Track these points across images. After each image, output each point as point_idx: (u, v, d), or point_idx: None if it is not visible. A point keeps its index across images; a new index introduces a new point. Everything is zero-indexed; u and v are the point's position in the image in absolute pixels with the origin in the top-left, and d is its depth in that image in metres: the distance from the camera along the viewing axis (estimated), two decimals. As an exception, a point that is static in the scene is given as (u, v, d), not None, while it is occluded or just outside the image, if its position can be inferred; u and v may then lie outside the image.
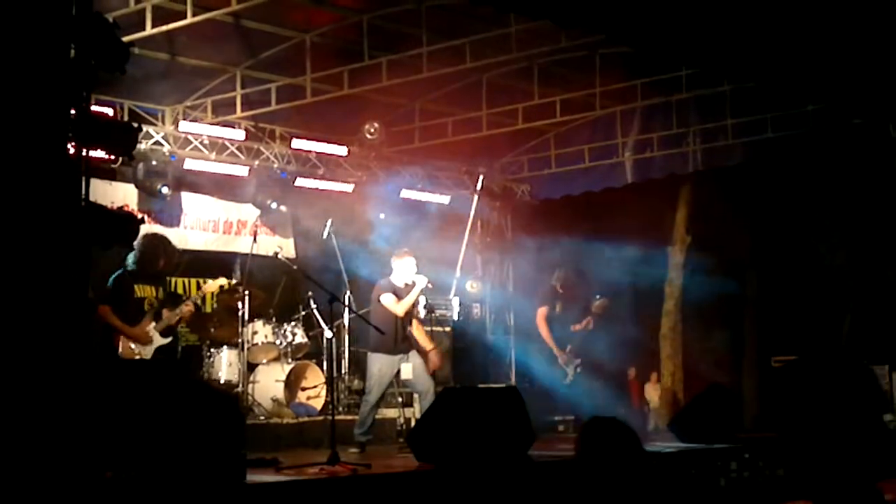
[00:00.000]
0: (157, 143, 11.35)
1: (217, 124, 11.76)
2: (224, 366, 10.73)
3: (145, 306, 9.21)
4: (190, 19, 9.25)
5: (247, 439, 7.03)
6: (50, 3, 5.53)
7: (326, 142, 12.74)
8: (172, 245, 9.90)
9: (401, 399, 11.14)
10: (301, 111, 11.68)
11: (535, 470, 7.98)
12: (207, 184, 12.11)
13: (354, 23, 10.42)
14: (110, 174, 11.05)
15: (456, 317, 12.96)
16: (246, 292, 10.62)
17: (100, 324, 8.89)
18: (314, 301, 10.88)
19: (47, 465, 5.05)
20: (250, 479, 6.66)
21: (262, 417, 10.50)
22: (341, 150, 12.81)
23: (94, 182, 6.12)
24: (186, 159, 11.60)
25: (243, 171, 12.09)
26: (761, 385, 13.46)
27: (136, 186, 11.33)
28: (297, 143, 12.46)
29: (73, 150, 5.72)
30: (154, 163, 11.26)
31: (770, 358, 12.80)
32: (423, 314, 10.27)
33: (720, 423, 9.99)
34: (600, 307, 11.83)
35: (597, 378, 11.82)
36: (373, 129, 12.30)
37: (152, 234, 9.70)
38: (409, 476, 7.66)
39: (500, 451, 8.00)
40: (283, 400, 10.77)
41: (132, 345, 9.07)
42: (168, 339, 9.29)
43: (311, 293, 10.96)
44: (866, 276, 13.06)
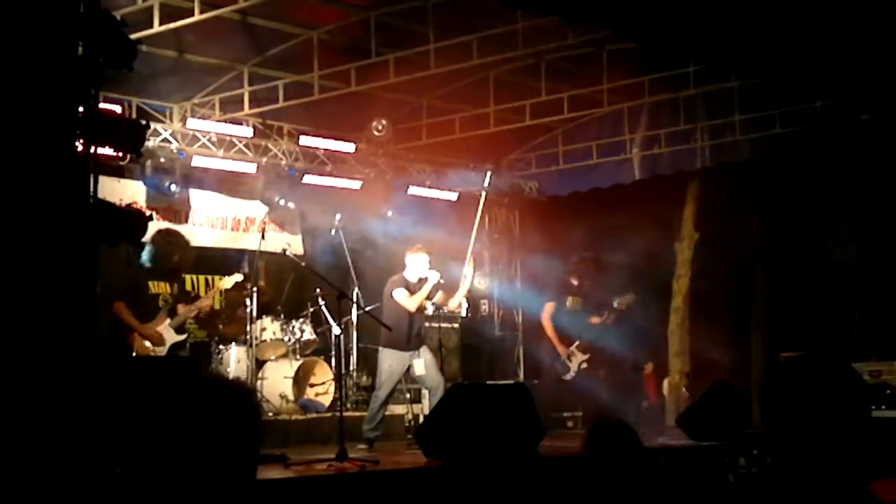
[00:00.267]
0: (165, 140, 11.36)
1: (225, 121, 11.76)
2: (232, 362, 10.75)
3: (160, 303, 9.22)
4: (197, 17, 9.26)
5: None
6: (58, 0, 5.54)
7: (334, 139, 12.74)
8: (187, 241, 9.93)
9: (409, 395, 11.17)
10: (309, 108, 11.67)
11: (544, 466, 7.97)
12: (215, 181, 12.13)
13: (362, 20, 10.42)
14: (118, 171, 11.03)
15: (464, 313, 12.97)
16: (254, 289, 10.64)
17: (109, 320, 8.91)
18: (322, 297, 10.90)
19: (54, 461, 5.06)
20: (259, 475, 6.64)
21: (271, 414, 10.51)
22: (349, 147, 12.81)
23: (102, 179, 6.10)
24: (194, 156, 11.60)
25: (251, 167, 12.10)
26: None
27: (144, 183, 11.35)
28: (305, 140, 12.46)
29: (80, 148, 5.72)
30: (162, 160, 11.28)
31: (778, 354, 12.76)
32: (431, 310, 10.27)
33: (728, 419, 9.96)
34: (625, 303, 11.65)
35: (613, 373, 11.77)
36: (380, 126, 12.29)
37: (166, 230, 9.72)
38: (417, 472, 7.66)
39: (509, 448, 8.00)
40: (291, 396, 10.78)
41: (147, 342, 9.09)
42: (183, 336, 9.31)
43: (319, 289, 10.98)
44: (875, 272, 13.03)
